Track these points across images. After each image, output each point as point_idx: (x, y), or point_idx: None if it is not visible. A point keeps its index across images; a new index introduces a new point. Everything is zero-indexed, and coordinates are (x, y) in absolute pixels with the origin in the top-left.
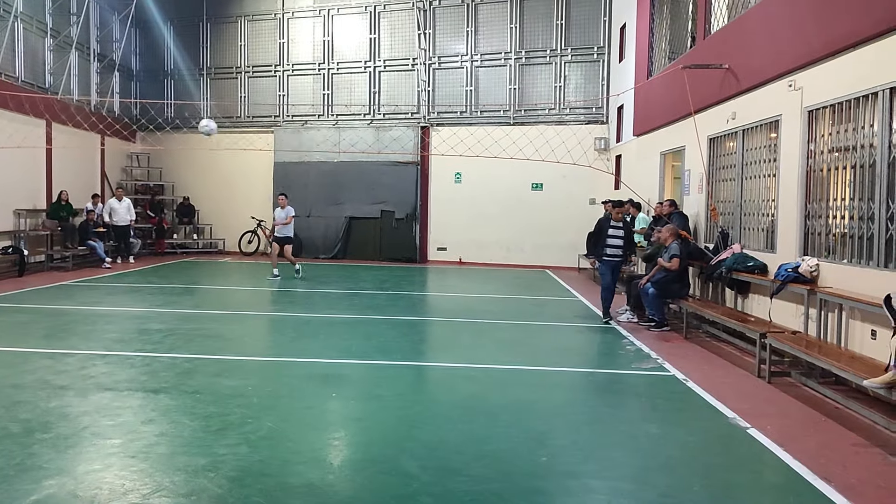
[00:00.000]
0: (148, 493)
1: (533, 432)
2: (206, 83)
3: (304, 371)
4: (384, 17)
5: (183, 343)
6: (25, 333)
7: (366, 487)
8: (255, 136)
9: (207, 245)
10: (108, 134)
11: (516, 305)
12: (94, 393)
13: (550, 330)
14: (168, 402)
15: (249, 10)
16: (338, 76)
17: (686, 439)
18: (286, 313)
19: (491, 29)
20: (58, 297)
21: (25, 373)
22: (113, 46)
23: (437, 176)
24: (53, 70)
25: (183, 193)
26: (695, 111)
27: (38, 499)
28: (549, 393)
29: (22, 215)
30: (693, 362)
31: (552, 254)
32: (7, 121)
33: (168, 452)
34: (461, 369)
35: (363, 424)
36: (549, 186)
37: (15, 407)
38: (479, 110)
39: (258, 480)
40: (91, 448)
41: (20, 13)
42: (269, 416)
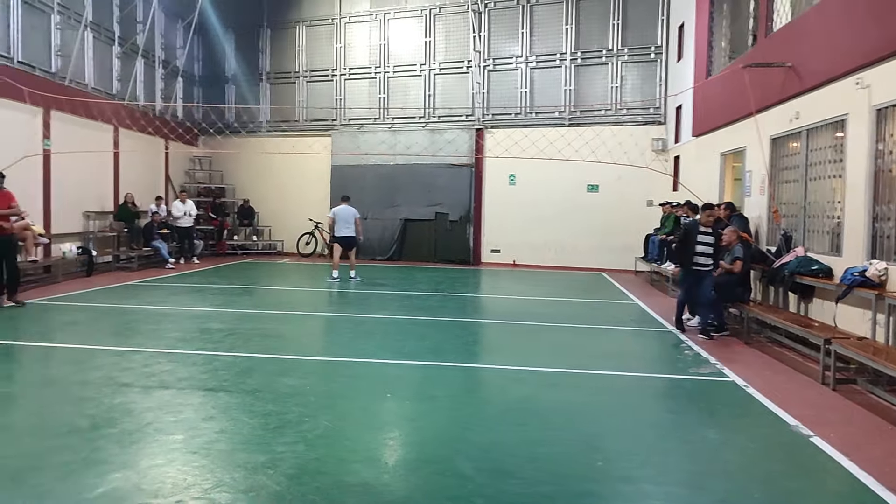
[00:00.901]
0: (209, 487)
1: (586, 436)
2: (265, 88)
3: (359, 371)
4: (439, 20)
5: (242, 342)
6: (93, 331)
7: (420, 487)
8: (313, 139)
9: (266, 246)
10: (171, 138)
11: (570, 308)
12: (157, 390)
13: (605, 333)
14: (228, 400)
15: (307, 15)
16: (393, 80)
17: (746, 446)
18: (342, 314)
19: (546, 30)
20: (124, 297)
21: (92, 370)
22: (176, 53)
23: (492, 178)
24: (121, 77)
25: (243, 196)
26: (756, 111)
27: (104, 492)
28: (603, 397)
29: (91, 217)
30: (754, 368)
31: (608, 256)
32: (78, 126)
33: (228, 449)
34: (514, 371)
35: (417, 425)
36: (604, 188)
37: (82, 403)
38: (534, 112)
39: (315, 478)
40: (154, 443)
41: (90, 22)
42: (325, 415)
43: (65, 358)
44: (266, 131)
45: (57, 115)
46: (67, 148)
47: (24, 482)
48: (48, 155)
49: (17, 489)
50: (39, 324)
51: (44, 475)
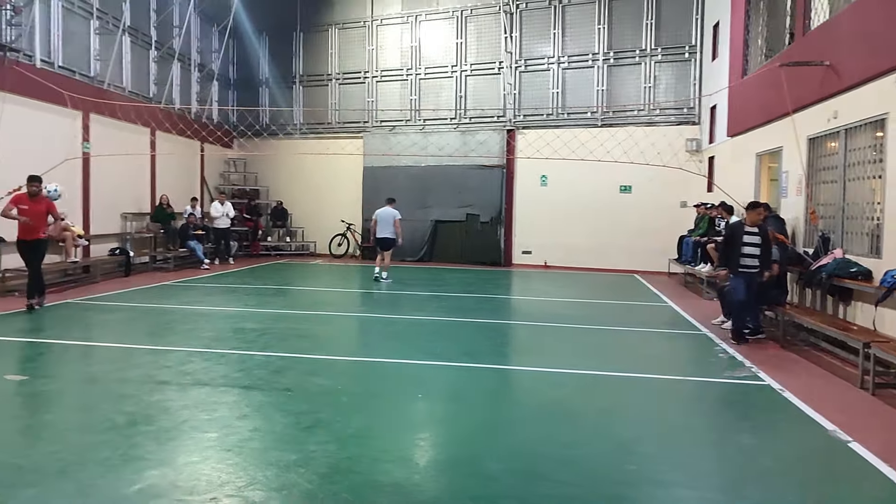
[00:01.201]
0: (242, 485)
1: (619, 439)
2: (298, 90)
3: (390, 371)
4: (470, 21)
5: (276, 342)
6: (131, 331)
7: (450, 488)
8: (345, 141)
9: (299, 247)
10: (207, 140)
11: (603, 310)
12: (192, 388)
13: (638, 336)
14: (261, 399)
15: (340, 18)
16: (425, 81)
17: (782, 451)
18: (374, 314)
19: (578, 30)
20: (160, 297)
21: (130, 368)
22: (212, 57)
23: (523, 179)
24: (157, 80)
25: (277, 197)
26: (793, 110)
27: (142, 488)
28: (636, 399)
29: (128, 218)
30: (790, 371)
31: (641, 258)
32: (116, 129)
33: (261, 447)
34: (545, 373)
35: (448, 426)
36: (637, 189)
37: (121, 400)
38: (566, 112)
39: (346, 477)
40: (190, 441)
41: (128, 27)
42: (357, 415)
43: (105, 356)
44: (299, 133)
45: (96, 119)
46: (106, 151)
47: (69, 476)
48: (87, 158)
49: (64, 483)
50: (80, 323)
51: (87, 470)
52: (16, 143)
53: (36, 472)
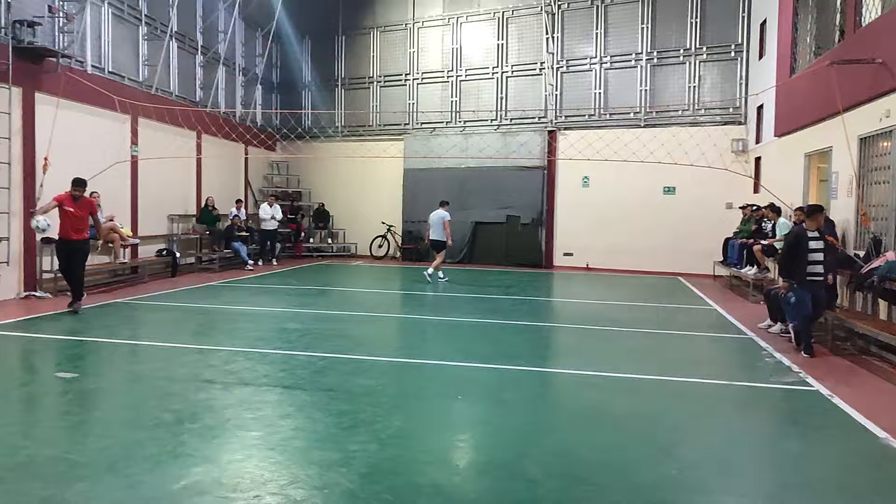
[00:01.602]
0: (285, 484)
1: (661, 443)
2: (340, 93)
3: (430, 373)
4: (512, 22)
5: (318, 342)
6: (177, 330)
7: (490, 490)
8: (386, 143)
9: (340, 249)
10: (251, 144)
11: (645, 313)
12: (236, 387)
13: (682, 339)
14: (304, 398)
15: (381, 21)
16: (465, 83)
17: (830, 458)
18: (414, 316)
19: (621, 30)
20: (206, 297)
21: (177, 366)
22: (256, 61)
23: (564, 180)
24: (203, 84)
25: (319, 199)
26: (843, 109)
27: (187, 484)
28: (679, 404)
29: (175, 220)
30: (840, 377)
31: (685, 260)
32: (163, 133)
33: (303, 446)
34: (586, 376)
35: (488, 428)
36: (681, 190)
37: (168, 398)
38: (609, 113)
39: (387, 478)
40: (234, 439)
41: (175, 33)
42: (397, 416)
43: (152, 355)
44: (341, 136)
45: (144, 122)
46: (153, 154)
47: (118, 472)
48: (136, 161)
49: (114, 478)
50: (128, 322)
51: (135, 465)
52: (68, 146)
53: (86, 466)
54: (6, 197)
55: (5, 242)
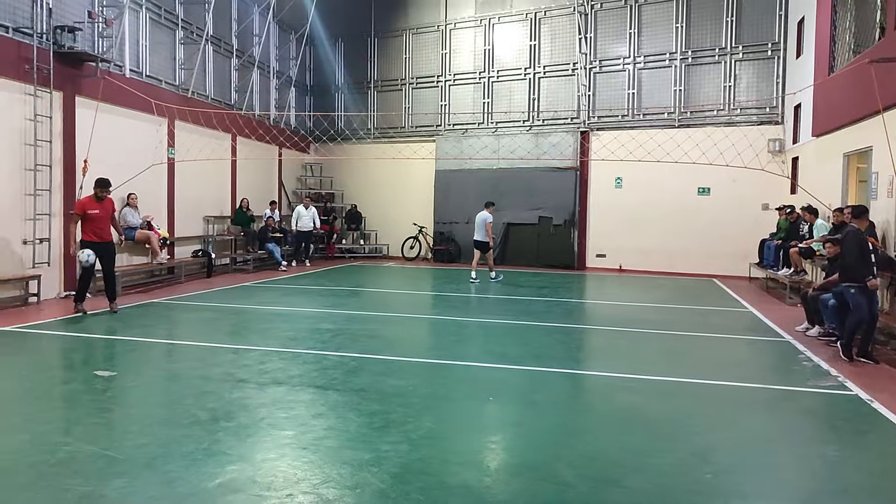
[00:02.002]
0: (317, 483)
1: (695, 447)
2: (372, 95)
3: (461, 374)
4: (544, 23)
5: (350, 342)
6: (212, 330)
7: (521, 492)
8: (418, 145)
9: (372, 250)
10: (285, 146)
11: (679, 315)
12: (270, 387)
13: (717, 342)
14: (336, 398)
15: (414, 23)
16: (497, 84)
17: (869, 464)
18: (445, 317)
19: (655, 30)
20: (240, 297)
21: (212, 366)
22: (290, 64)
23: (597, 181)
24: (238, 88)
25: (351, 201)
26: (883, 108)
27: (222, 482)
28: (713, 407)
29: (210, 221)
30: (880, 381)
31: (720, 262)
32: (198, 135)
33: (335, 446)
34: (619, 379)
35: (519, 430)
36: (716, 191)
37: (203, 396)
38: (642, 113)
39: (418, 478)
40: (267, 438)
41: (210, 36)
42: (428, 416)
43: (187, 354)
44: (373, 138)
45: (180, 125)
46: (189, 156)
47: (156, 469)
48: (172, 163)
49: (151, 475)
50: (165, 322)
51: (172, 463)
52: (106, 149)
53: (125, 463)
54: (47, 199)
55: (46, 243)
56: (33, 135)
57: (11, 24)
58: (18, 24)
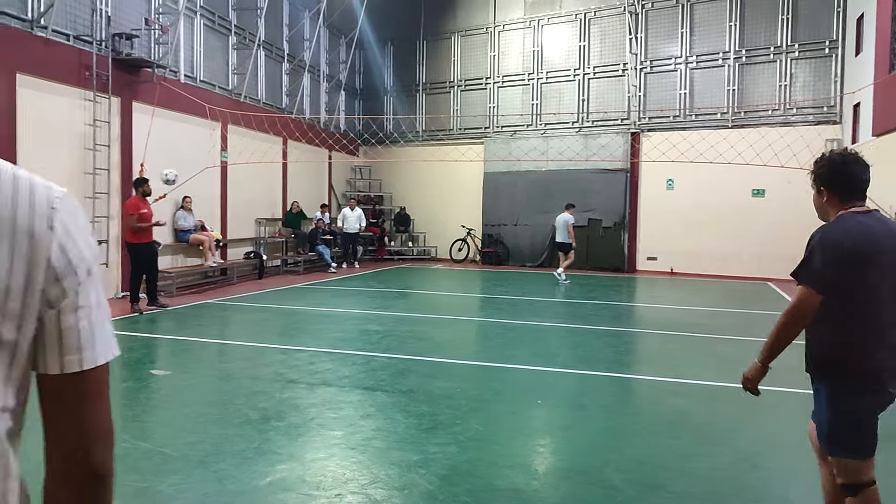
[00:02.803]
0: (366, 483)
1: (744, 453)
2: (420, 98)
3: (509, 377)
4: (594, 23)
5: (398, 344)
6: (263, 330)
7: (569, 496)
8: (466, 147)
9: (421, 252)
10: (334, 149)
11: (731, 319)
12: (320, 387)
13: None
14: (384, 400)
15: (462, 26)
16: (546, 85)
17: None
18: (493, 319)
19: (707, 29)
20: (290, 298)
21: (263, 366)
22: (339, 68)
23: (648, 183)
24: (289, 92)
25: (400, 203)
26: None
27: (273, 480)
28: (764, 413)
29: (262, 224)
30: None
31: (775, 265)
32: (251, 139)
33: (384, 447)
34: (668, 383)
35: (567, 433)
36: (771, 192)
37: (254, 396)
38: (694, 114)
39: (466, 480)
40: (317, 438)
41: (262, 42)
42: (476, 419)
43: (239, 354)
44: (421, 140)
45: (233, 129)
46: (242, 159)
47: (208, 467)
48: (225, 166)
49: (204, 472)
50: (217, 322)
51: (224, 461)
52: (161, 153)
53: (179, 460)
54: (106, 202)
55: (104, 245)
56: (92, 139)
57: (72, 32)
58: (79, 33)
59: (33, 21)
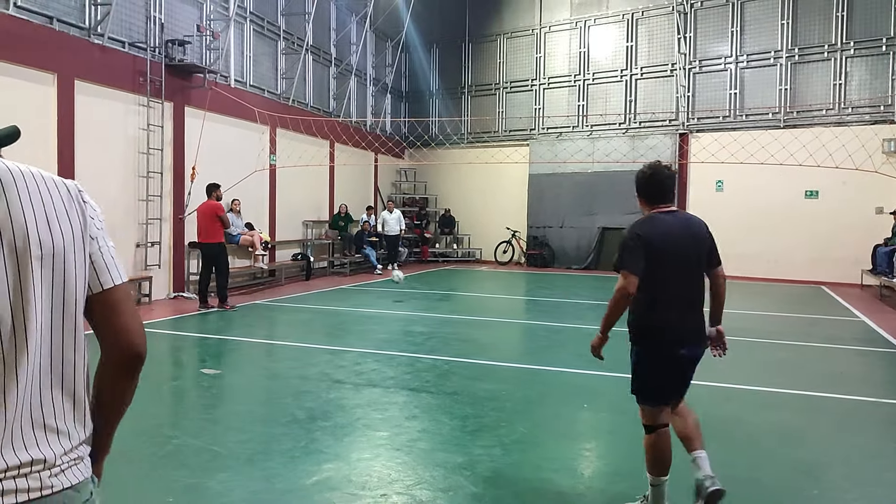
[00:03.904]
0: (411, 484)
1: (800, 462)
2: (466, 100)
3: (554, 379)
4: (641, 23)
5: (442, 346)
6: (310, 331)
7: (615, 501)
8: (511, 149)
9: (465, 254)
10: (380, 151)
11: (784, 324)
12: (366, 388)
13: (824, 352)
14: (429, 401)
15: (508, 28)
16: (593, 86)
17: None
18: (537, 322)
19: (759, 27)
20: (337, 299)
21: (309, 366)
22: (385, 71)
23: (697, 184)
24: (336, 95)
25: (444, 205)
26: None
27: (319, 480)
28: (820, 420)
29: (309, 226)
30: None
31: (828, 268)
32: (299, 142)
33: (428, 448)
34: (719, 389)
35: (613, 437)
36: (825, 194)
37: (301, 396)
38: (744, 114)
39: (511, 483)
40: (363, 438)
41: (310, 46)
42: (521, 421)
43: (286, 354)
44: (466, 142)
45: (281, 133)
46: (290, 162)
47: (256, 465)
48: (273, 169)
49: (252, 471)
50: (266, 322)
51: (271, 459)
52: (212, 156)
53: (228, 457)
54: (158, 204)
55: (157, 247)
56: (146, 143)
57: (127, 39)
58: (134, 40)
59: (90, 29)
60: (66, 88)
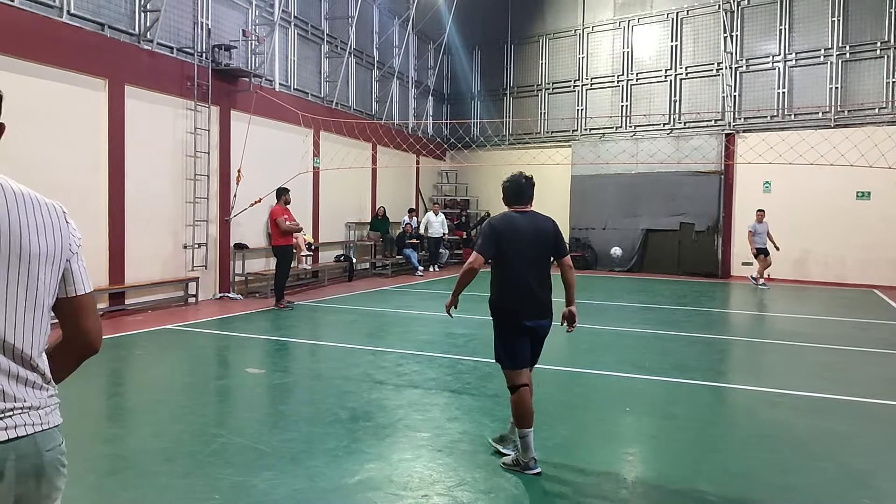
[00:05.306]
0: (452, 485)
1: (850, 469)
2: (508, 102)
3: (597, 383)
4: (686, 22)
5: (483, 348)
6: (352, 332)
7: None
8: (553, 150)
9: None
10: (422, 153)
11: (834, 328)
12: (407, 389)
13: (878, 357)
14: (470, 403)
15: (551, 28)
16: (636, 87)
17: None
18: (579, 325)
19: (808, 25)
20: (379, 301)
21: (352, 366)
22: (428, 73)
23: (743, 185)
24: (378, 98)
25: (485, 207)
26: None
27: (361, 479)
28: (871, 427)
29: (351, 227)
30: None
31: (881, 271)
32: (342, 145)
33: (470, 450)
34: (766, 394)
35: (657, 442)
36: (878, 195)
37: (344, 396)
38: (793, 114)
39: (553, 486)
40: (404, 439)
41: (353, 49)
42: (563, 425)
43: (329, 354)
44: (508, 144)
45: (324, 135)
46: (333, 165)
47: (300, 464)
48: (317, 171)
49: (296, 469)
50: (309, 323)
51: (314, 458)
52: (257, 159)
53: (272, 456)
54: (205, 206)
55: (204, 248)
56: (193, 146)
57: (175, 44)
58: (181, 45)
59: (140, 35)
60: (116, 94)
